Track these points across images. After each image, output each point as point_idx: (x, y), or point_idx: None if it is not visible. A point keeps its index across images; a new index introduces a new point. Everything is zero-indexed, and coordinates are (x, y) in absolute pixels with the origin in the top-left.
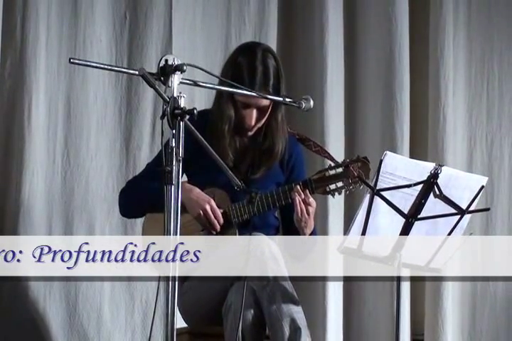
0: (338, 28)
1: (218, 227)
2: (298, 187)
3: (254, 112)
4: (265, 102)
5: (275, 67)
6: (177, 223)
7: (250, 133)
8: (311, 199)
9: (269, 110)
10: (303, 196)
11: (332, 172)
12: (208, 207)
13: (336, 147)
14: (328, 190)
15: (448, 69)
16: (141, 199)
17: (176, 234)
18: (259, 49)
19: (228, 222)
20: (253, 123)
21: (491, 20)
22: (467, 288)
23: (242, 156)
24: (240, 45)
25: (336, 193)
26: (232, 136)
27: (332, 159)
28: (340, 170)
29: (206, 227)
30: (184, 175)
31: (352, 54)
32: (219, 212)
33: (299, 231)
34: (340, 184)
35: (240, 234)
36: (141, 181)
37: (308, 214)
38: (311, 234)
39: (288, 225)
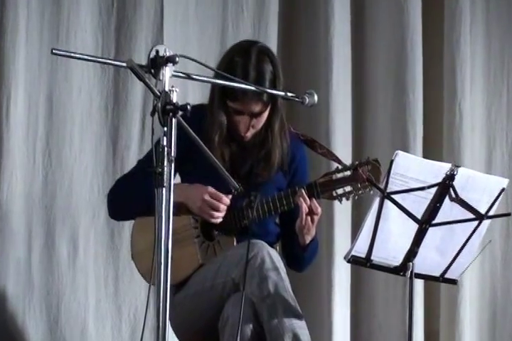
0: (345, 17)
1: (224, 208)
2: (302, 191)
3: (247, 119)
4: (258, 108)
5: (271, 73)
6: (169, 228)
7: (246, 140)
8: (317, 206)
9: (266, 115)
10: (308, 202)
11: (339, 175)
12: (206, 196)
13: (343, 147)
14: (334, 194)
15: (464, 63)
16: (133, 198)
17: (168, 241)
18: (254, 50)
19: (225, 229)
20: (246, 130)
21: (511, 10)
22: (486, 299)
23: (240, 163)
24: (235, 44)
25: (344, 198)
26: (228, 143)
27: (339, 162)
28: (348, 173)
29: (213, 217)
30: (177, 175)
31: (360, 46)
32: (220, 194)
33: (298, 239)
34: (348, 188)
35: (238, 242)
36: (132, 179)
37: (312, 222)
38: (311, 242)
39: (287, 231)
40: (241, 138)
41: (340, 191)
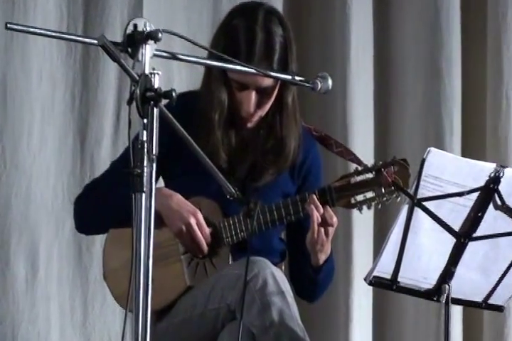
0: None
1: (205, 248)
2: (314, 196)
3: (254, 95)
4: (267, 81)
5: (282, 37)
6: (149, 242)
7: (250, 125)
8: (332, 215)
9: (275, 92)
10: (321, 210)
11: (359, 178)
12: (192, 221)
13: (363, 143)
14: (353, 201)
15: None
16: (105, 208)
17: (148, 257)
18: (260, 10)
19: (219, 243)
20: (252, 109)
21: None
22: None
23: (240, 156)
24: (236, 6)
25: (364, 206)
26: (226, 129)
27: (359, 162)
28: (370, 175)
29: (189, 248)
30: (161, 179)
31: (384, 18)
32: (207, 228)
33: (310, 258)
34: (370, 194)
35: (234, 259)
36: (104, 185)
37: (326, 235)
38: (326, 262)
39: (295, 248)
40: (244, 122)
41: (360, 197)
